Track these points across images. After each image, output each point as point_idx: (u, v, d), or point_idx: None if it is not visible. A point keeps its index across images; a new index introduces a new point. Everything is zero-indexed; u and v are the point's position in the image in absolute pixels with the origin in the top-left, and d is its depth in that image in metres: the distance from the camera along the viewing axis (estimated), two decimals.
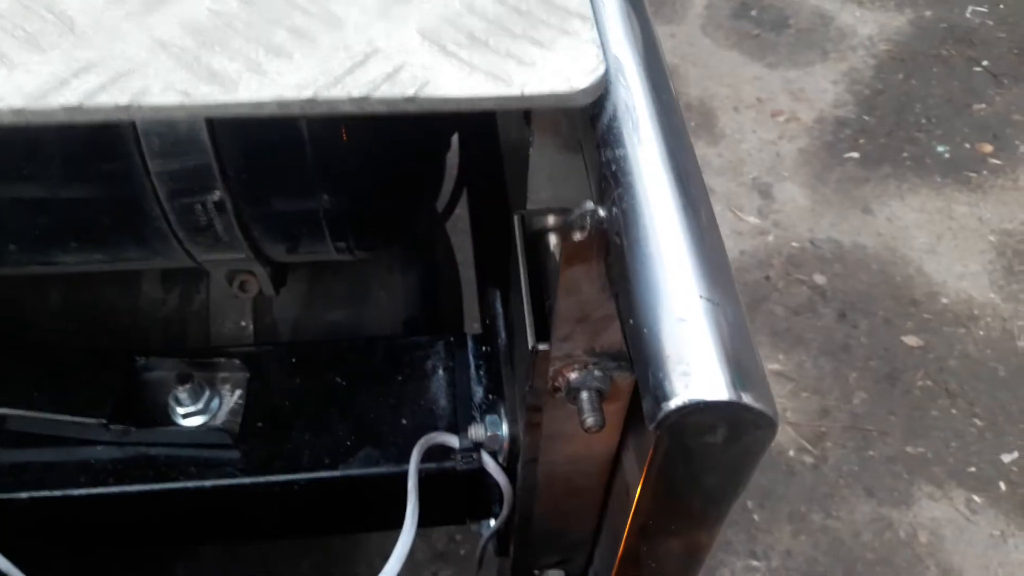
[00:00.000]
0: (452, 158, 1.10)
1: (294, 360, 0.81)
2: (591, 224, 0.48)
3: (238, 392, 0.76)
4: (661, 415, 0.38)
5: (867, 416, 1.93)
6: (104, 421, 0.70)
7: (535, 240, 0.67)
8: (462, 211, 1.28)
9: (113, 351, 0.78)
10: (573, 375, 0.59)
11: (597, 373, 0.58)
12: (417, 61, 0.43)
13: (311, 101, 0.41)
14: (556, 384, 0.60)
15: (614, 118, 0.49)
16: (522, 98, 0.43)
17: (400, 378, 0.82)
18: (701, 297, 0.41)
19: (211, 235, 0.77)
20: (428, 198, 0.94)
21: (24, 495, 0.70)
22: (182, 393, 0.73)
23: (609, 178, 0.49)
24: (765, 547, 1.82)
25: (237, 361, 0.77)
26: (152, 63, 0.38)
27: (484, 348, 0.85)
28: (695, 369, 0.38)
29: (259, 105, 0.41)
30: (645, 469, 0.47)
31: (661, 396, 0.38)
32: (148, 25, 0.40)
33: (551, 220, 0.66)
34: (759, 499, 1.86)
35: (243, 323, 1.06)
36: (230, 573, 1.02)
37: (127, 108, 0.39)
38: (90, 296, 1.02)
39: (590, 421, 0.57)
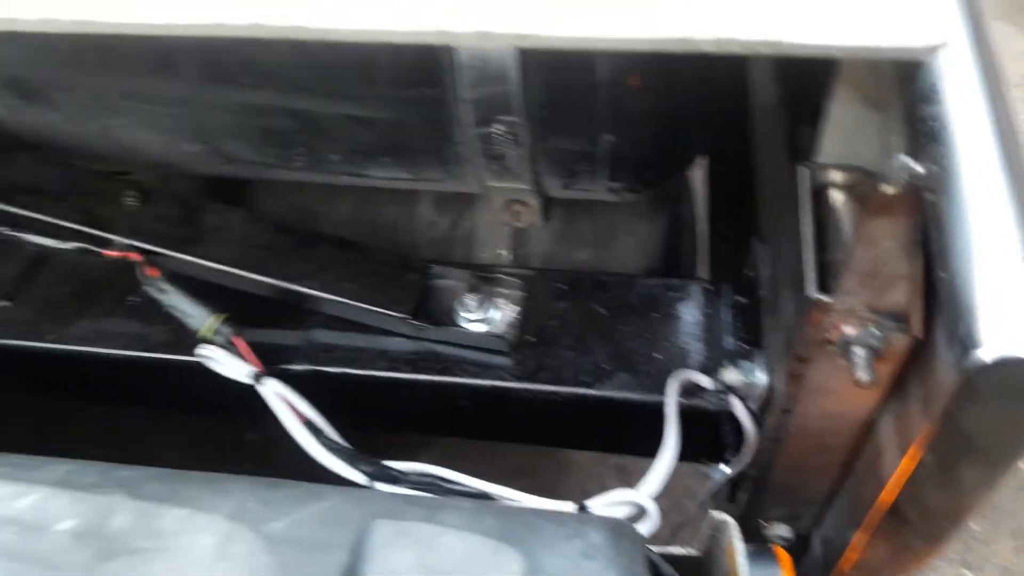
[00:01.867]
0: None
1: (562, 286, 0.88)
2: (906, 179, 0.50)
3: (515, 308, 0.84)
4: (973, 365, 0.39)
5: None
6: (407, 316, 0.81)
7: (820, 193, 0.68)
8: None
9: (414, 262, 0.88)
10: (850, 330, 0.60)
11: (875, 331, 0.60)
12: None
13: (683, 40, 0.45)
14: (829, 337, 0.62)
15: (940, 75, 0.49)
16: (873, 49, 0.45)
17: (656, 315, 0.86)
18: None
19: (502, 164, 0.85)
20: (703, 146, 0.97)
21: (333, 370, 0.83)
22: (470, 300, 0.82)
23: (927, 135, 0.49)
24: (981, 559, 1.72)
25: (517, 280, 0.85)
26: None
27: (739, 297, 0.88)
28: (1012, 325, 0.39)
29: (635, 41, 0.45)
30: (930, 426, 0.48)
31: (972, 344, 0.40)
32: None
33: (841, 175, 0.67)
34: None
35: (501, 251, 1.15)
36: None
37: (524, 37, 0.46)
38: (373, 211, 1.14)
39: (864, 376, 0.58)
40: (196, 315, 0.79)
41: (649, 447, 0.75)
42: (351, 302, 0.82)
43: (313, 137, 0.85)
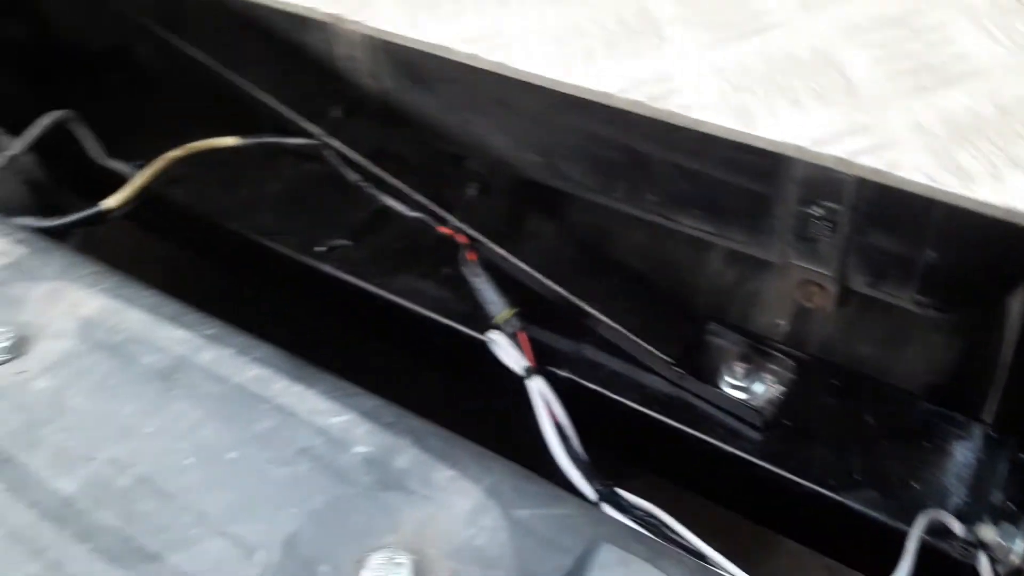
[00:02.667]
0: None
1: (836, 382, 0.87)
2: None
3: (781, 387, 0.85)
4: None
5: None
6: (672, 361, 0.85)
7: None
8: None
9: (692, 309, 0.92)
10: None
11: None
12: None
13: None
14: None
15: None
16: None
17: (927, 445, 0.83)
18: None
19: (812, 246, 0.86)
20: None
21: (591, 385, 0.89)
22: (737, 367, 0.84)
23: None
24: None
25: (791, 361, 0.86)
26: (908, 141, 0.46)
27: (1019, 452, 0.82)
28: None
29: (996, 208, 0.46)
30: None
31: None
32: (913, 108, 0.47)
33: None
34: None
35: (779, 321, 1.14)
36: None
37: (878, 172, 0.48)
38: (666, 247, 1.18)
39: None
40: (495, 303, 0.89)
41: (872, 568, 0.73)
42: (625, 331, 0.87)
43: (639, 175, 0.92)
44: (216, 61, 1.07)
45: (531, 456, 0.80)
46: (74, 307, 0.72)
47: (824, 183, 0.80)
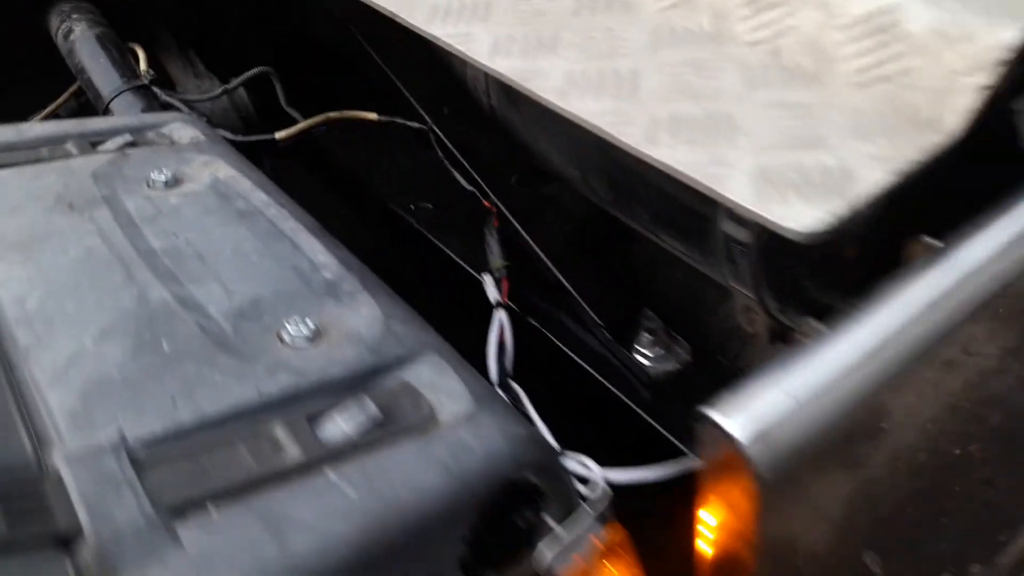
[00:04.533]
0: None
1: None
2: None
3: (676, 365, 1.08)
4: None
5: None
6: (603, 324, 1.11)
7: None
8: None
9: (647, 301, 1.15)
10: None
11: None
12: None
13: None
14: None
15: None
16: None
17: None
18: None
19: (735, 268, 1.08)
20: None
21: (544, 331, 1.16)
22: (645, 339, 1.08)
23: None
24: None
25: (689, 348, 1.08)
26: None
27: None
28: None
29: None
30: None
31: None
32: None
33: None
34: None
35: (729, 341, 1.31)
36: None
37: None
38: (642, 252, 1.38)
39: None
40: (495, 256, 1.20)
41: None
42: (580, 299, 1.15)
43: (631, 192, 1.19)
44: (374, 51, 1.47)
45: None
46: (214, 171, 1.11)
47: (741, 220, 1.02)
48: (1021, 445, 0.88)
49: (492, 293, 1.16)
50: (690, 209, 1.10)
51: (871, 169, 0.62)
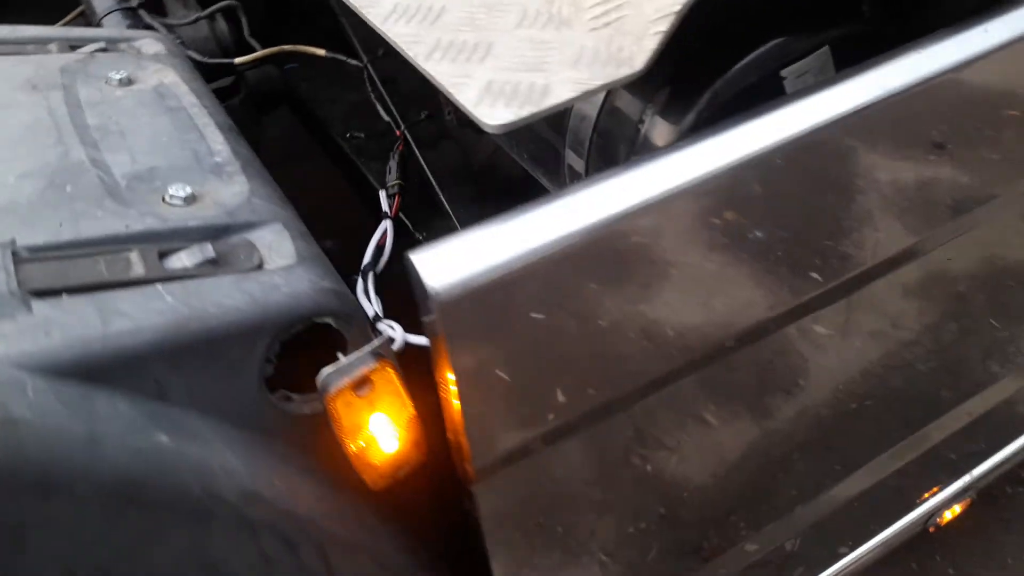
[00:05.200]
0: None
1: None
2: None
3: None
4: None
5: None
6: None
7: None
8: None
9: None
10: None
11: None
12: None
13: None
14: None
15: None
16: None
17: None
18: None
19: None
20: None
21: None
22: None
23: None
24: None
25: None
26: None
27: None
28: None
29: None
30: None
31: None
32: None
33: None
34: None
35: None
36: None
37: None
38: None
39: None
40: (393, 174, 1.41)
41: None
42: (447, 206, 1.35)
43: (517, 139, 1.39)
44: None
45: None
46: (162, 78, 1.34)
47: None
48: None
49: (384, 205, 1.37)
50: (548, 143, 1.30)
51: (564, 88, 0.81)
